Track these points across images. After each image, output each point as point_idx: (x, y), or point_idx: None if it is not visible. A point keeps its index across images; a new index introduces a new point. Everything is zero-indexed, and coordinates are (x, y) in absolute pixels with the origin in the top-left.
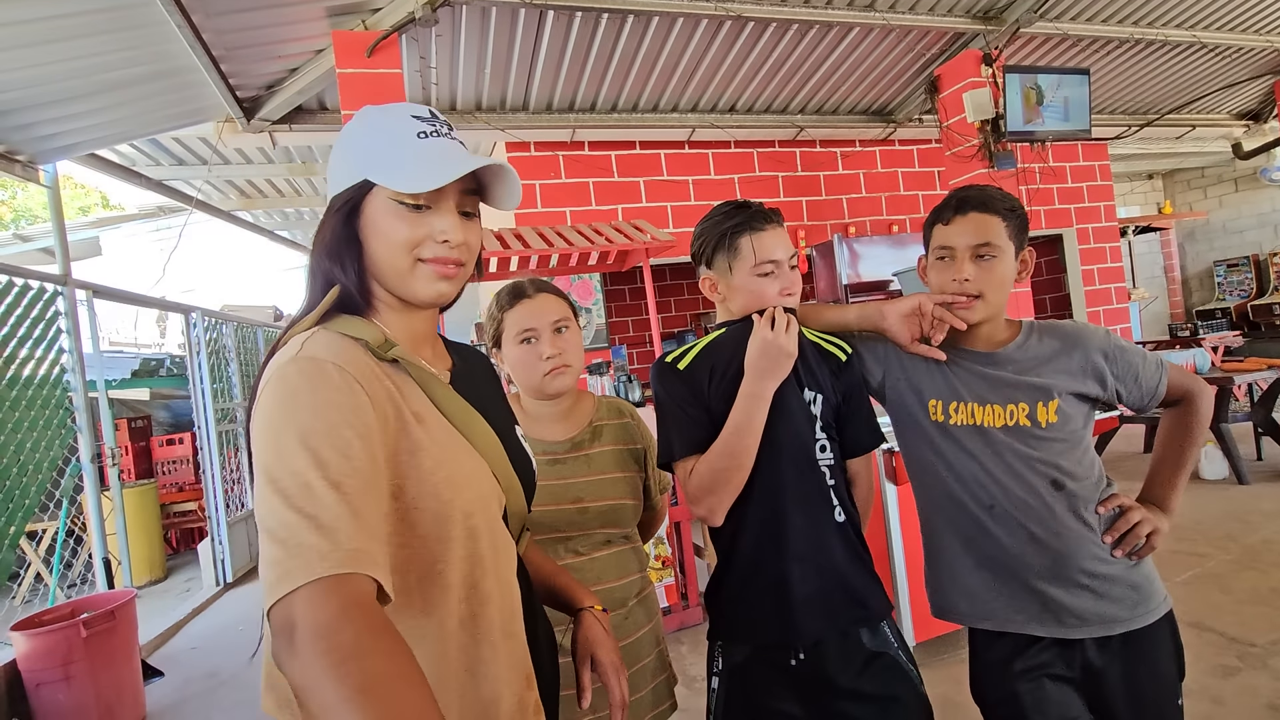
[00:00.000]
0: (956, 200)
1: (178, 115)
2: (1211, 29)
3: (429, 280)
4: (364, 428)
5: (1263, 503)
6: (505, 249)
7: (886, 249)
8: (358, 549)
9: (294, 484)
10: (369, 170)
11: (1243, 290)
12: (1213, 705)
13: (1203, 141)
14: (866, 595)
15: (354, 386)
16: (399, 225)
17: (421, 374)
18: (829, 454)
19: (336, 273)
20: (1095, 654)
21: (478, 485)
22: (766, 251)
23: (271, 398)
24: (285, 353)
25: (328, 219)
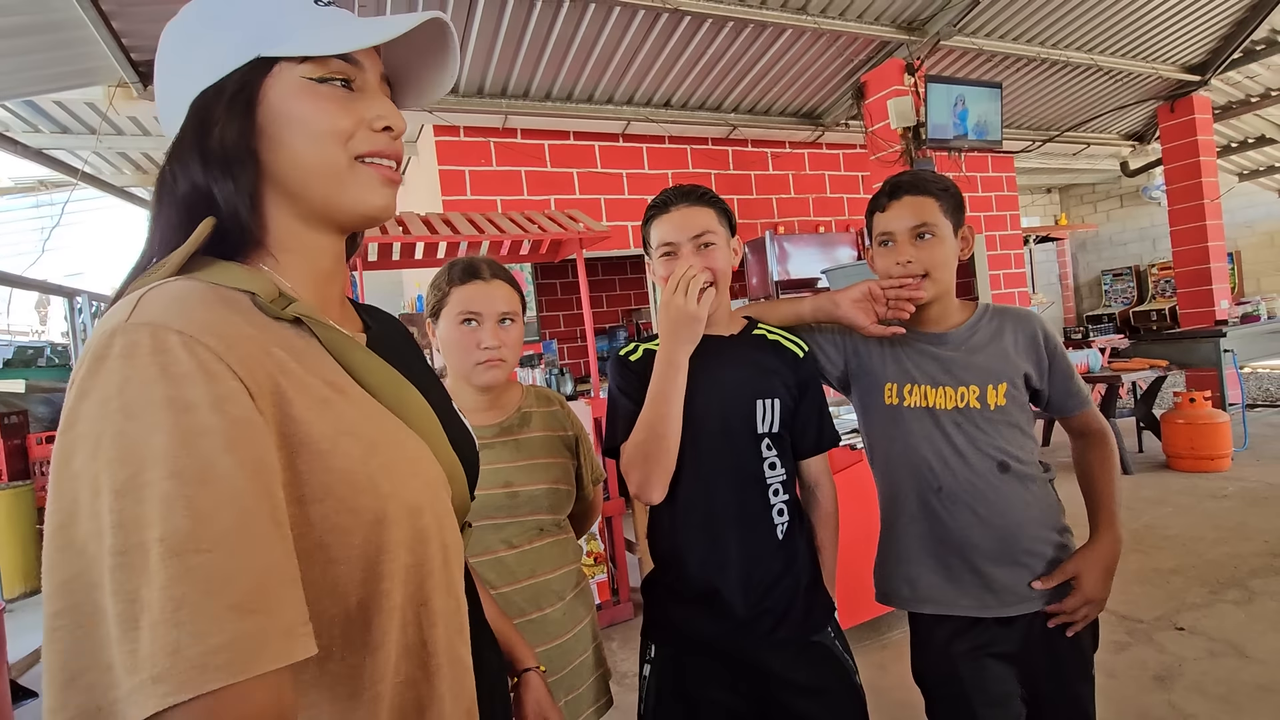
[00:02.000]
0: (891, 186)
1: (59, 76)
2: (1107, 53)
3: (373, 184)
4: (235, 430)
5: (1144, 491)
6: (433, 234)
7: (815, 248)
8: (236, 638)
9: (125, 550)
10: (262, 43)
11: (1126, 298)
12: (1106, 678)
13: (1095, 159)
14: (805, 611)
15: (213, 370)
16: (329, 109)
17: (332, 335)
18: (779, 470)
19: (222, 189)
20: (1030, 629)
21: (423, 472)
22: (662, 234)
23: (84, 397)
24: (111, 317)
25: (201, 117)
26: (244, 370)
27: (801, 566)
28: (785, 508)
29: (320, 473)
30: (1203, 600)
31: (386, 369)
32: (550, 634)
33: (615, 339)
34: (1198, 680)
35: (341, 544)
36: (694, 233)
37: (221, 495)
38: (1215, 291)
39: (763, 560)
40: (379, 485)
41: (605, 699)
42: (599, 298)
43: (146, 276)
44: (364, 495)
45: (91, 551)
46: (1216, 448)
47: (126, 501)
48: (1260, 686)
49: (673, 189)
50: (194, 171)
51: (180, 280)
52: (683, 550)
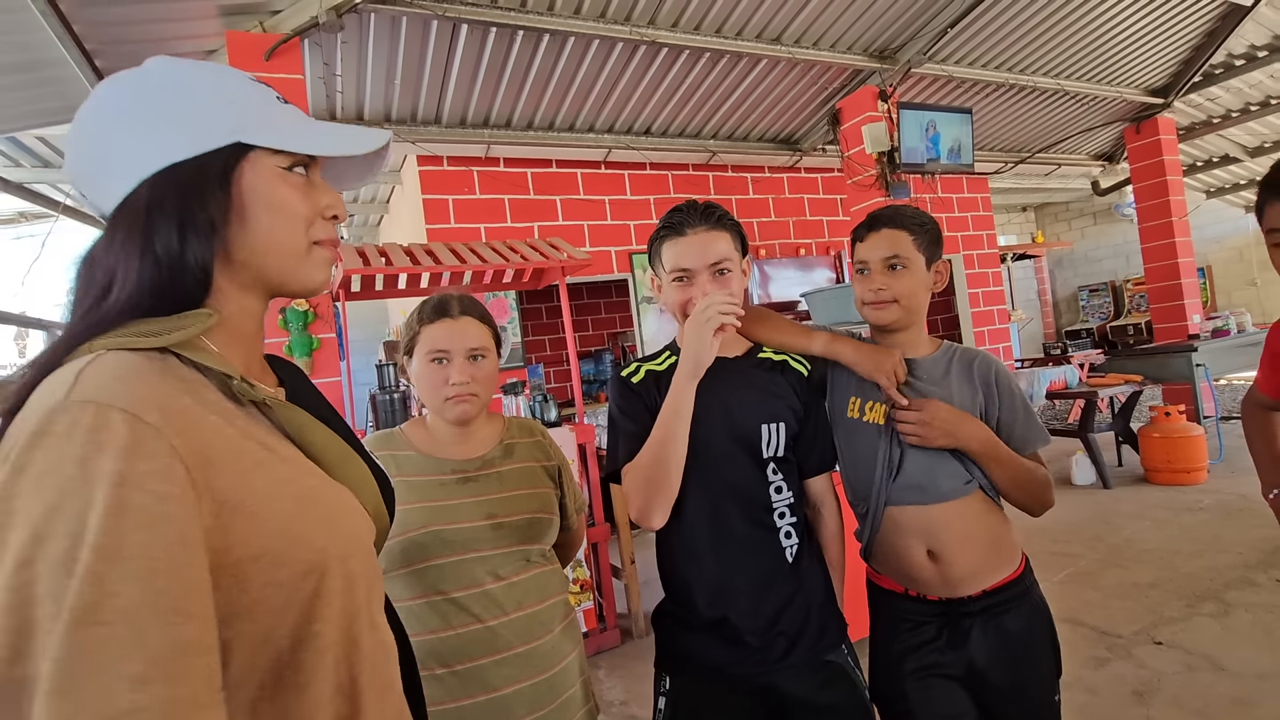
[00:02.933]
0: (870, 219)
1: (42, 113)
2: (1073, 78)
3: (322, 264)
4: (164, 506)
5: (1123, 505)
6: (415, 265)
7: (794, 271)
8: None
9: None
10: (243, 131)
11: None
12: (1088, 695)
13: (1067, 178)
14: (819, 631)
15: (151, 447)
16: (296, 198)
17: (290, 415)
18: (786, 494)
19: (196, 253)
20: (980, 651)
21: (349, 521)
22: (677, 258)
23: (21, 471)
24: (51, 393)
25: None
26: (181, 443)
27: (814, 587)
28: (793, 530)
29: (254, 534)
30: (1180, 614)
31: (331, 436)
32: (538, 667)
33: (601, 362)
34: (1176, 695)
35: (276, 597)
36: (712, 260)
37: (134, 573)
38: (1187, 306)
39: (773, 584)
40: (311, 539)
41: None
42: (584, 321)
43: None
44: (296, 549)
45: (11, 622)
46: (1192, 461)
47: (58, 574)
48: (1235, 700)
49: (688, 208)
50: (169, 234)
51: (118, 354)
52: (692, 577)
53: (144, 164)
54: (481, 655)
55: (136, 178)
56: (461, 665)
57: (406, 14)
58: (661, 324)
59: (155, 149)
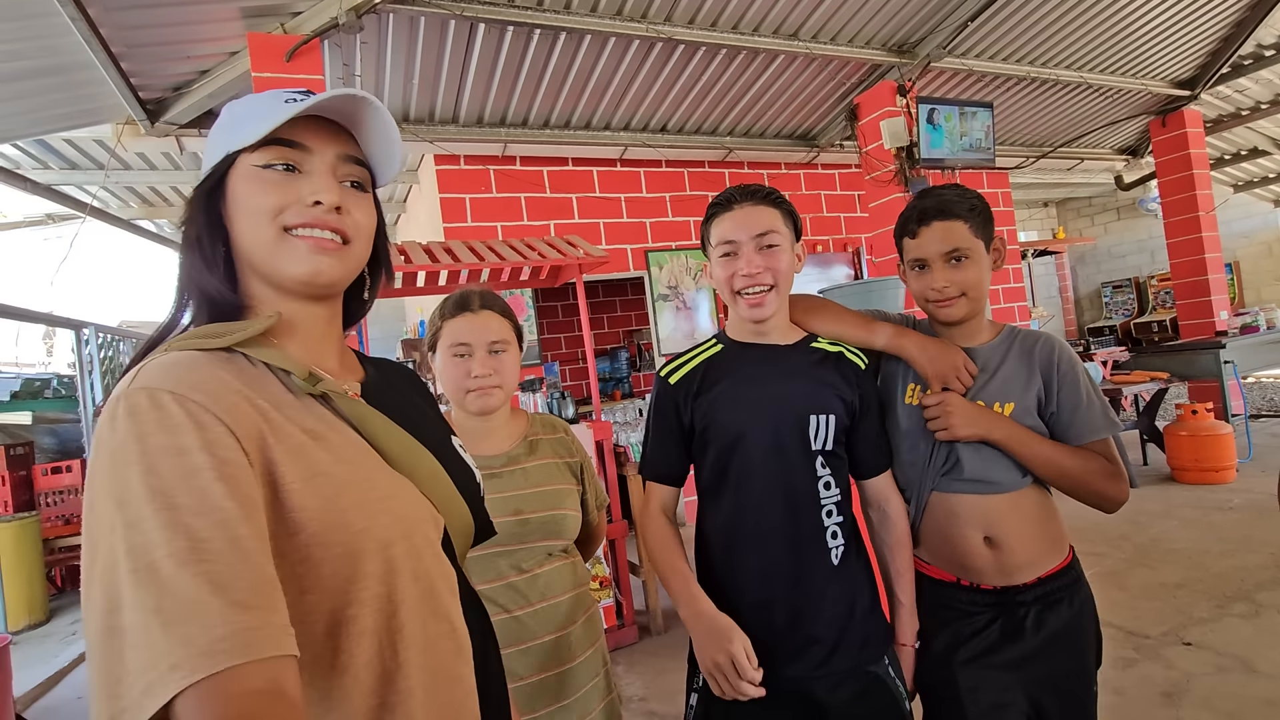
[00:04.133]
0: (919, 212)
1: (70, 115)
2: (1096, 71)
3: (299, 255)
4: (224, 467)
5: (1150, 504)
6: (434, 263)
7: (812, 268)
8: (240, 629)
9: (137, 569)
10: (229, 141)
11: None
12: (1115, 696)
13: (1090, 173)
14: (861, 641)
15: (201, 419)
16: (262, 190)
17: (351, 406)
18: (834, 490)
19: (199, 270)
20: (1034, 638)
21: (398, 508)
22: (723, 231)
23: (99, 455)
24: (119, 386)
25: (186, 211)
26: (230, 419)
27: (858, 593)
28: (840, 530)
29: (294, 510)
30: (1210, 614)
31: (375, 415)
32: (562, 657)
33: (617, 360)
34: (1206, 696)
35: (312, 574)
36: (757, 231)
37: (215, 520)
38: (1214, 303)
39: (815, 585)
40: (350, 522)
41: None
42: (600, 319)
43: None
44: (334, 531)
45: (111, 579)
46: (1220, 459)
47: (134, 532)
48: (1268, 701)
49: (738, 187)
50: (194, 249)
51: (179, 353)
52: (730, 572)
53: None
54: (507, 645)
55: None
56: None
57: (424, 14)
58: (678, 322)
59: (202, 173)
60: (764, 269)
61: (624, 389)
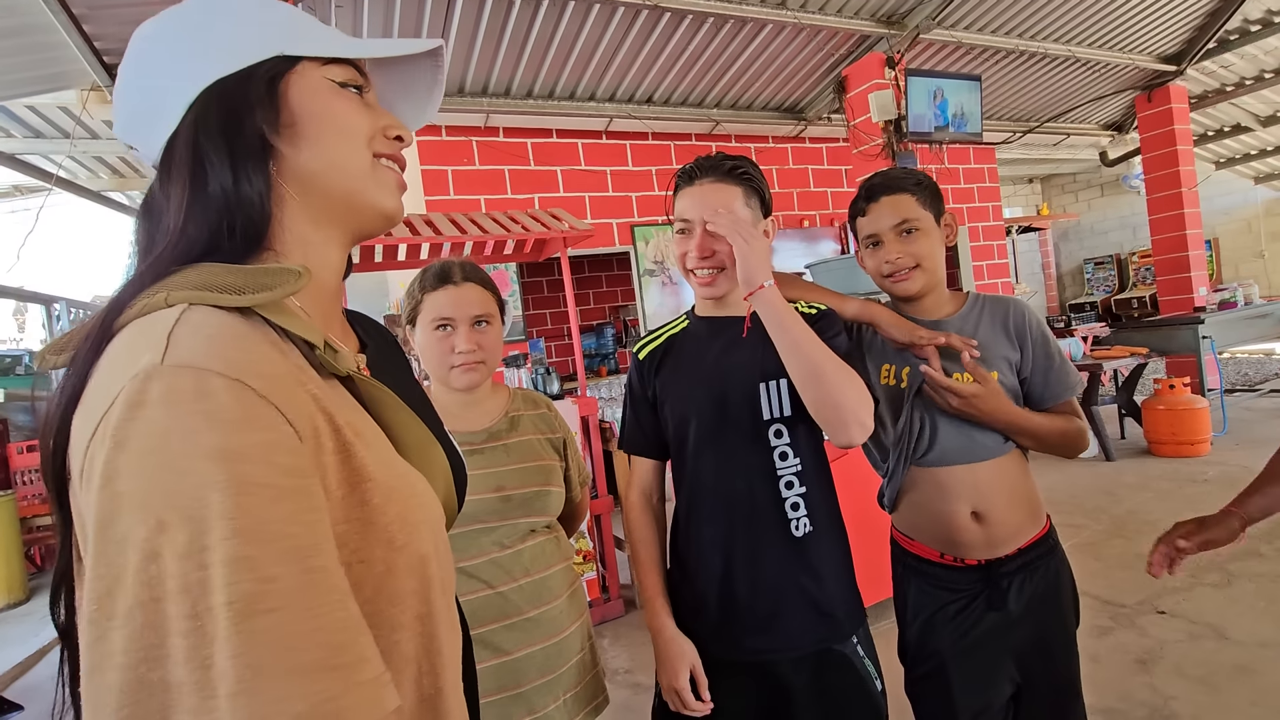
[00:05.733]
0: (866, 189)
1: (31, 80)
2: (1085, 45)
3: (390, 187)
4: (289, 480)
5: (1126, 477)
6: (415, 235)
7: (799, 243)
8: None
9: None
10: (285, 41)
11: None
12: (1090, 663)
13: (1075, 149)
14: (826, 617)
15: (261, 416)
16: (355, 110)
17: (374, 393)
18: (792, 461)
19: (248, 187)
20: (1016, 607)
21: (431, 513)
22: (680, 208)
23: (121, 446)
24: (139, 354)
25: (227, 105)
26: (289, 411)
27: (824, 568)
28: (803, 501)
29: (337, 523)
30: (1183, 584)
31: (412, 417)
32: (547, 632)
33: (603, 336)
34: (1178, 663)
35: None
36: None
37: (284, 551)
38: (1194, 279)
39: (775, 558)
40: (394, 536)
41: (601, 697)
42: (585, 295)
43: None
44: (377, 547)
45: (145, 620)
46: (1196, 433)
47: (189, 565)
48: (1238, 667)
49: (704, 158)
50: (219, 163)
51: (205, 311)
52: (690, 543)
53: (186, 90)
54: (492, 620)
55: (181, 106)
56: (472, 631)
57: None
58: (664, 297)
59: (196, 72)
60: (713, 251)
61: (610, 365)
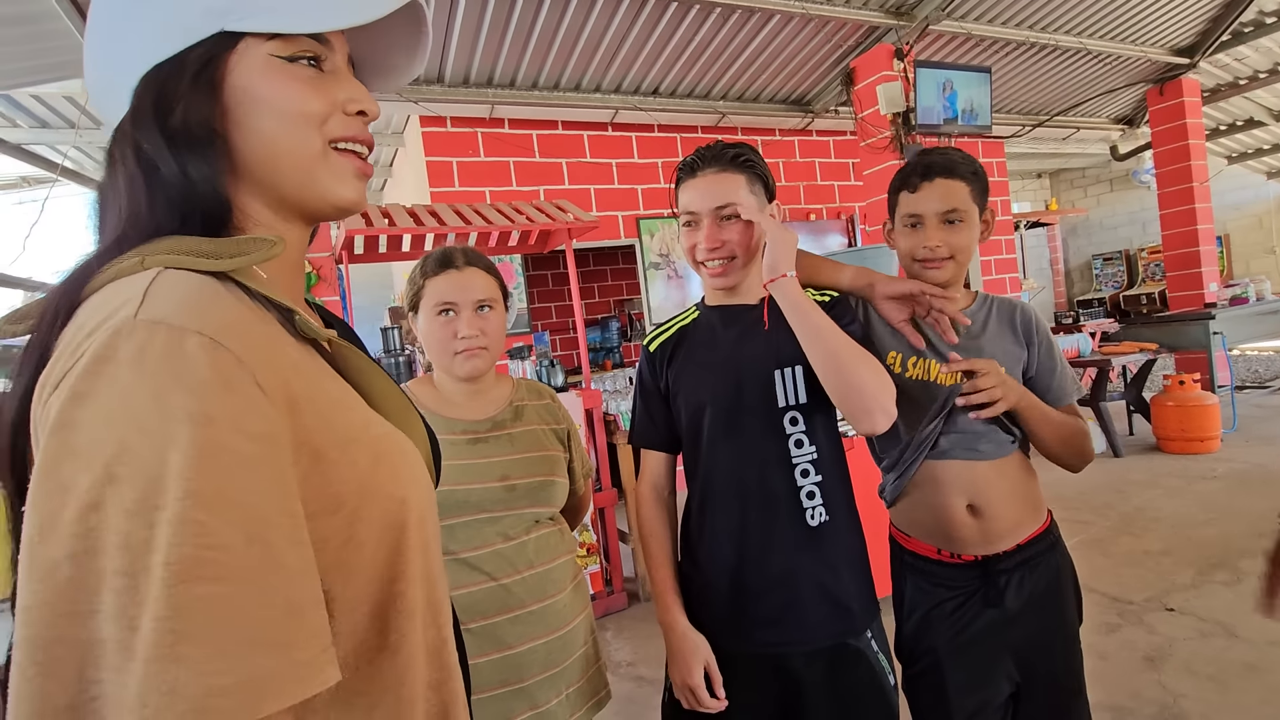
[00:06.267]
0: (924, 167)
1: (34, 69)
2: (1096, 37)
3: (346, 176)
4: (255, 447)
5: (1134, 474)
6: (419, 226)
7: (805, 235)
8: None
9: (128, 573)
10: (226, 15)
11: (1116, 282)
12: (1098, 660)
13: (1085, 143)
14: (841, 610)
15: (234, 378)
16: (301, 90)
17: (350, 357)
18: (808, 449)
19: (196, 170)
20: (1014, 604)
21: (420, 476)
22: (686, 200)
23: (81, 400)
24: (112, 308)
25: (161, 94)
26: (264, 377)
27: (840, 560)
28: (818, 490)
29: (334, 483)
30: (1192, 581)
31: (392, 384)
32: (551, 625)
33: (608, 329)
34: (1187, 660)
35: (356, 556)
36: (717, 203)
37: (239, 521)
38: (1204, 274)
39: (789, 548)
40: (390, 492)
41: (604, 692)
42: (590, 288)
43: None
44: (374, 504)
45: (73, 573)
46: (1206, 429)
47: (135, 523)
48: (1248, 665)
49: (705, 148)
50: (162, 155)
51: (181, 273)
52: (703, 534)
53: (129, 70)
54: (495, 613)
55: (124, 87)
56: (475, 623)
57: None
58: (669, 291)
59: (138, 50)
60: (723, 242)
61: (615, 358)
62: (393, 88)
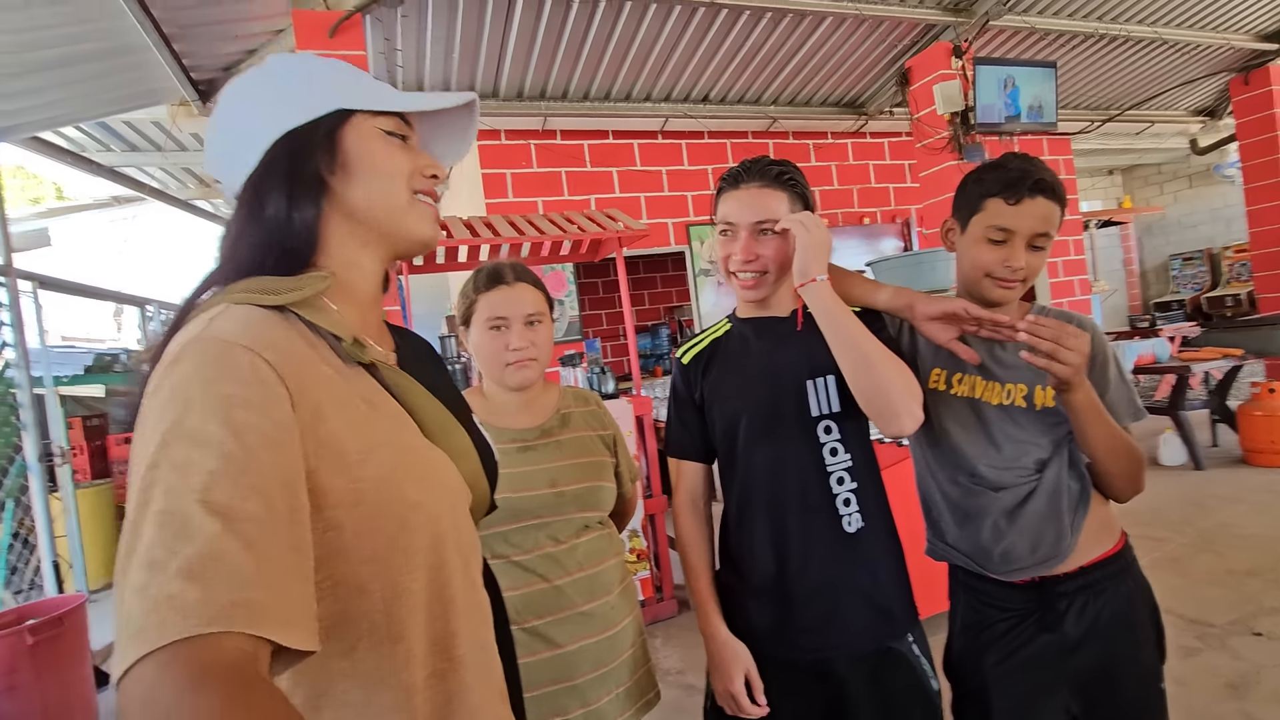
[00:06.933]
0: (1033, 181)
1: (128, 97)
2: (1172, 25)
3: (427, 219)
4: (277, 432)
5: (1218, 487)
6: (475, 237)
7: (860, 240)
8: (240, 600)
9: (162, 514)
10: (345, 98)
11: (1196, 283)
12: (1175, 686)
13: (1161, 138)
14: (881, 614)
15: (267, 379)
16: (396, 155)
17: (393, 377)
18: (843, 456)
19: (303, 214)
20: (1075, 632)
21: (445, 482)
22: (724, 211)
23: (155, 394)
24: (187, 332)
25: (293, 148)
26: (293, 384)
27: (879, 564)
28: (854, 497)
29: (354, 480)
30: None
31: (418, 388)
32: (600, 626)
33: (658, 336)
34: (1277, 688)
35: (369, 545)
36: (756, 218)
37: (255, 485)
38: None
39: (827, 555)
40: (407, 495)
41: (653, 693)
42: (640, 295)
43: (221, 296)
44: (392, 502)
45: (134, 517)
46: None
47: (177, 474)
48: None
49: (751, 161)
50: (278, 198)
51: (245, 307)
52: (742, 542)
53: (264, 137)
54: (547, 613)
55: (259, 151)
56: (528, 623)
57: None
58: (719, 297)
59: (272, 122)
60: (757, 255)
61: (664, 365)
62: (448, 164)
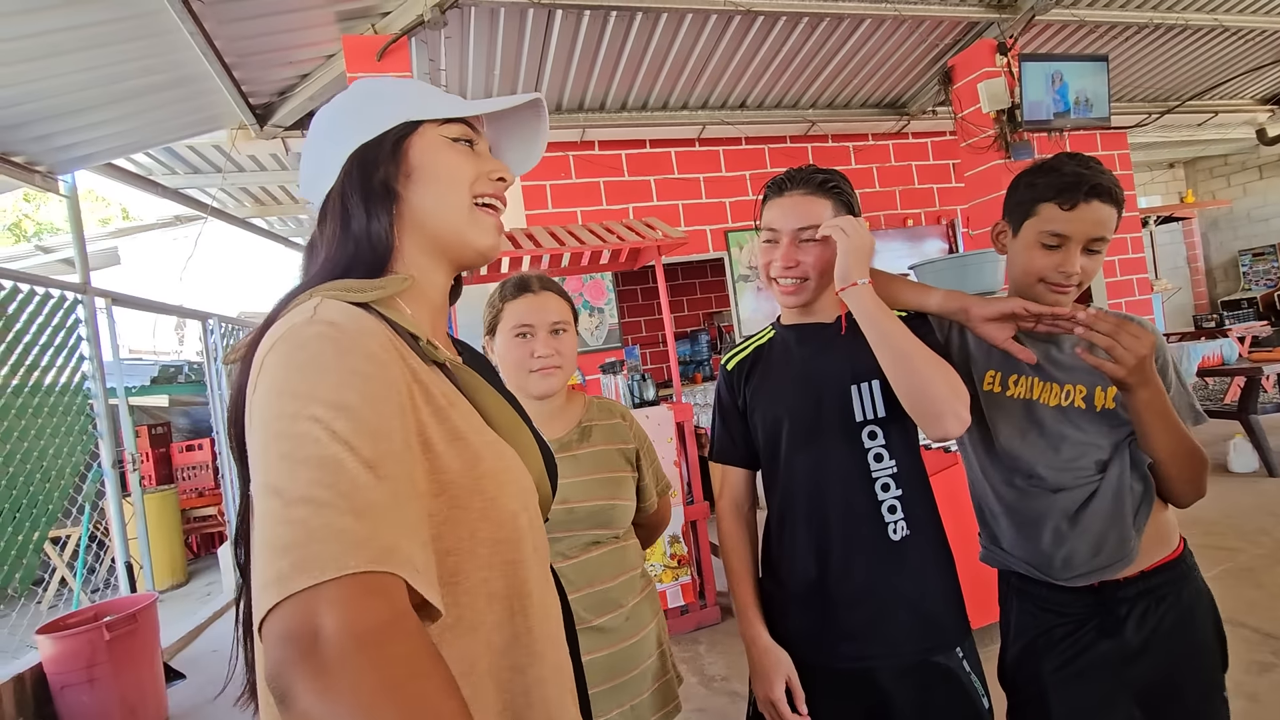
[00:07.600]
0: (1091, 185)
1: (192, 123)
2: (1233, 12)
3: (487, 227)
4: (400, 409)
5: None
6: (516, 249)
7: (902, 243)
8: (399, 547)
9: (316, 459)
10: (410, 110)
11: (1269, 280)
12: (1248, 702)
13: (1225, 128)
14: (928, 626)
15: (388, 360)
16: (460, 161)
17: (464, 376)
18: (888, 463)
19: (380, 223)
20: (1135, 639)
21: (520, 478)
22: (769, 218)
23: (282, 364)
24: (295, 316)
25: (365, 161)
26: (394, 369)
27: (926, 573)
28: (899, 505)
29: (440, 470)
30: None
31: (488, 388)
32: (612, 639)
33: (697, 343)
34: None
35: (452, 535)
36: (799, 225)
37: (394, 451)
38: None
39: (871, 563)
40: (486, 488)
41: (673, 705)
42: (680, 302)
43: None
44: (473, 495)
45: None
46: None
47: (325, 431)
48: None
49: (796, 170)
50: (354, 209)
51: (337, 302)
52: (784, 548)
53: (339, 155)
54: None
55: (337, 168)
56: None
57: (504, 4)
58: (759, 303)
59: (349, 142)
60: (798, 262)
61: (704, 371)
62: (520, 172)
